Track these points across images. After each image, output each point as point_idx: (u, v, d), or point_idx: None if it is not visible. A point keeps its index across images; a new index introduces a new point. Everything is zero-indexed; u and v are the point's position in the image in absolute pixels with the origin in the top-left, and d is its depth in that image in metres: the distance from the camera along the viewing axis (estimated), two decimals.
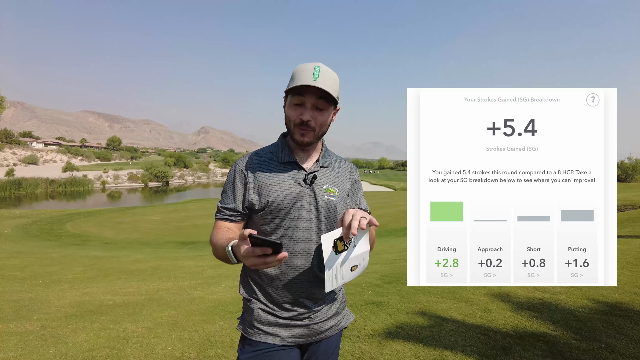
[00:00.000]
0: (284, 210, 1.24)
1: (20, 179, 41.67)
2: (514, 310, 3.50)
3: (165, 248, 11.86)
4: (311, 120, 1.22)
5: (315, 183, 1.28)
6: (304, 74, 1.19)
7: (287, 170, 1.28)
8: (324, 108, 1.23)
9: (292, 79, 1.22)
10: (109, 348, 2.97)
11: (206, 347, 3.00)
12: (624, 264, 4.90)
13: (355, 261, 1.23)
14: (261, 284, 1.30)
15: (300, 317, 1.29)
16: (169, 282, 5.71)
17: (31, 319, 3.74)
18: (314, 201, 1.27)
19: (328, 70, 1.22)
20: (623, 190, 25.86)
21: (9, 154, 68.33)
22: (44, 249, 11.26)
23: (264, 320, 1.27)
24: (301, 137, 1.24)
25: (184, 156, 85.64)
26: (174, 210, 23.39)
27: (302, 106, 1.22)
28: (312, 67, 1.20)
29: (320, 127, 1.26)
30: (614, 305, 3.51)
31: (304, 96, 1.20)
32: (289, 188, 1.25)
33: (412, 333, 3.09)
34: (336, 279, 1.20)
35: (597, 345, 2.77)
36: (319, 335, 1.32)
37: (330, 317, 1.34)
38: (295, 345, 1.29)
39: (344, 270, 1.21)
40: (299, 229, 1.25)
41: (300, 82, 1.18)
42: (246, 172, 1.29)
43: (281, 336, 1.27)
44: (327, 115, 1.26)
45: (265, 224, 1.27)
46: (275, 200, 1.24)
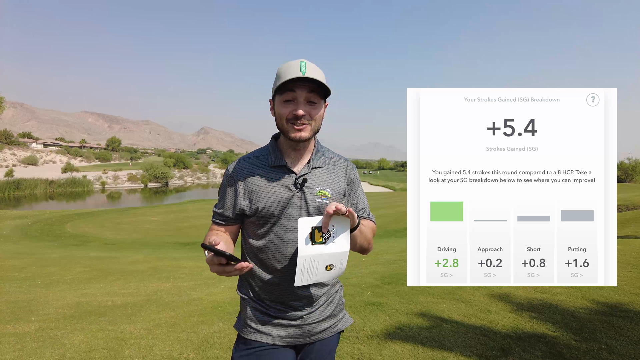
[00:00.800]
0: (275, 215, 1.24)
1: (19, 180, 41.63)
2: (514, 311, 3.50)
3: (165, 249, 11.85)
4: (306, 114, 1.19)
5: (307, 186, 1.25)
6: (291, 70, 1.16)
7: (276, 175, 1.26)
8: (316, 101, 1.20)
9: (277, 77, 1.19)
10: (107, 349, 2.96)
11: (205, 348, 2.98)
12: (624, 264, 4.90)
13: (332, 260, 1.19)
14: (254, 283, 1.30)
15: (293, 317, 1.28)
16: (168, 283, 5.69)
17: (29, 320, 3.73)
18: (305, 205, 1.24)
19: (314, 65, 1.19)
20: (623, 190, 25.86)
21: (8, 155, 68.27)
22: (43, 249, 11.24)
23: (256, 319, 1.28)
24: (298, 133, 1.19)
25: (184, 157, 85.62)
26: (173, 210, 23.36)
27: (294, 102, 1.19)
28: (298, 63, 1.17)
29: (317, 121, 1.23)
30: (614, 306, 3.50)
31: (294, 91, 1.17)
32: (279, 193, 1.23)
33: (412, 334, 3.08)
34: (308, 273, 1.16)
35: (597, 346, 2.76)
36: (313, 336, 1.30)
37: (325, 318, 1.32)
38: (289, 345, 1.28)
39: (318, 267, 1.17)
40: (288, 234, 1.24)
41: (290, 77, 1.14)
42: (236, 178, 1.27)
43: (273, 335, 1.26)
44: (321, 109, 1.23)
45: (257, 228, 1.27)
46: (265, 206, 1.23)
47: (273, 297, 1.27)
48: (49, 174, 49.39)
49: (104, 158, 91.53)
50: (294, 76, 1.13)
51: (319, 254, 1.16)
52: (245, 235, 1.34)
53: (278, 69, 1.21)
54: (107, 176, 55.43)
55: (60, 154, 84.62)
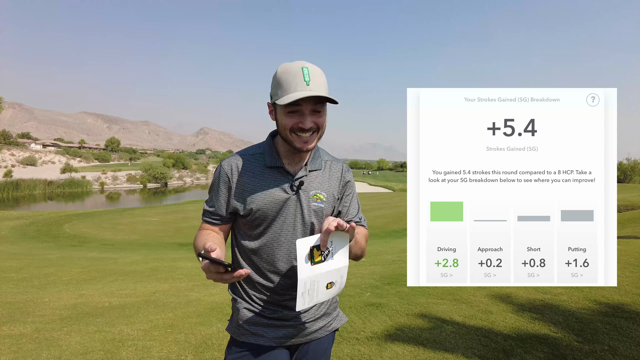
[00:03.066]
0: (269, 217, 1.21)
1: (18, 180, 41.63)
2: (515, 312, 3.49)
3: (163, 249, 11.82)
4: (313, 125, 1.15)
5: (302, 189, 1.23)
6: (295, 80, 1.11)
7: (273, 176, 1.23)
8: (321, 110, 1.16)
9: (280, 85, 1.13)
10: (104, 351, 2.94)
11: (202, 349, 2.97)
12: (625, 265, 4.90)
13: (332, 277, 1.15)
14: (247, 284, 1.28)
15: (287, 317, 1.26)
16: (166, 284, 5.68)
17: (25, 321, 3.70)
18: (300, 208, 1.22)
19: (316, 70, 1.15)
20: (622, 191, 25.92)
21: (7, 155, 68.16)
22: (41, 250, 11.21)
23: (249, 320, 1.25)
24: (305, 145, 1.17)
25: (183, 157, 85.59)
26: (172, 211, 23.33)
27: (299, 113, 1.14)
28: (300, 70, 1.12)
29: (323, 130, 1.20)
30: (616, 307, 3.49)
31: (300, 105, 1.13)
32: (274, 195, 1.21)
33: (412, 335, 3.07)
34: (309, 296, 1.11)
35: (600, 347, 2.74)
36: (308, 336, 1.29)
37: (319, 317, 1.31)
38: (283, 346, 1.26)
39: (319, 287, 1.13)
40: (282, 237, 1.22)
41: (295, 92, 1.10)
42: (231, 175, 1.23)
43: (267, 336, 1.24)
44: (325, 115, 1.20)
45: (250, 229, 1.25)
46: (260, 208, 1.20)
47: (266, 298, 1.26)
48: (47, 175, 49.33)
49: (103, 158, 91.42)
50: (300, 92, 1.09)
51: (319, 273, 1.11)
52: (237, 235, 1.31)
53: (278, 73, 1.15)
54: (106, 177, 55.39)
55: (59, 154, 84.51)
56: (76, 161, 79.63)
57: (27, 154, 71.90)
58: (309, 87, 1.11)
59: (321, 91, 1.12)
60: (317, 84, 1.12)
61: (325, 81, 1.17)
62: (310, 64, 1.14)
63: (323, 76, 1.16)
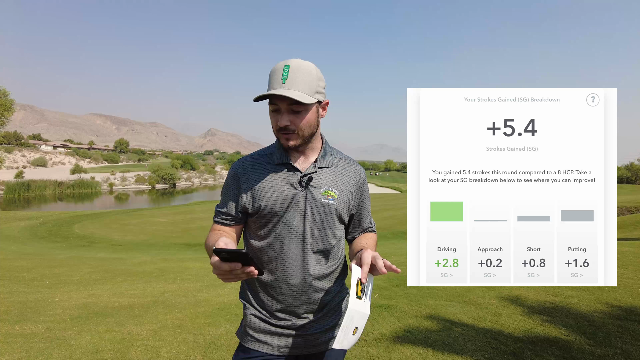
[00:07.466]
0: (278, 214, 1.20)
1: (29, 181, 42.31)
2: (525, 314, 3.45)
3: (172, 250, 11.93)
4: (289, 124, 1.15)
5: (312, 185, 1.21)
6: (273, 78, 1.12)
7: (281, 172, 1.22)
8: (300, 110, 1.14)
9: (268, 83, 1.16)
10: (114, 351, 2.98)
11: (211, 350, 2.99)
12: (637, 267, 4.83)
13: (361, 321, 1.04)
14: (255, 290, 1.26)
15: (294, 326, 1.22)
16: (174, 284, 5.73)
17: (36, 320, 3.77)
18: (309, 204, 1.20)
19: (300, 68, 1.12)
20: (633, 192, 25.53)
21: (18, 156, 69.21)
22: (51, 250, 11.38)
23: (256, 327, 1.23)
24: (286, 142, 1.17)
25: (191, 158, 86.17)
26: (180, 212, 23.50)
27: (279, 112, 1.15)
28: (282, 69, 1.11)
29: (303, 129, 1.17)
30: (629, 310, 3.44)
31: (276, 104, 1.13)
32: (283, 191, 1.20)
33: (421, 337, 3.05)
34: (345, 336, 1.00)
35: (613, 351, 2.70)
36: (316, 347, 1.25)
37: (330, 328, 1.26)
38: (289, 356, 1.23)
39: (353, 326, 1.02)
40: (291, 234, 1.20)
41: (268, 90, 1.11)
42: (240, 175, 1.24)
43: (273, 345, 1.21)
44: (307, 115, 1.16)
45: (259, 228, 1.24)
46: (268, 204, 1.19)
47: (274, 304, 1.23)
48: (57, 176, 50.02)
49: (112, 160, 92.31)
50: (271, 91, 1.10)
51: (357, 310, 1.02)
52: (247, 237, 1.30)
53: (270, 71, 1.16)
54: (115, 177, 55.96)
55: (69, 155, 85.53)
56: (85, 162, 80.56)
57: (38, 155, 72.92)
58: (283, 86, 1.10)
59: (295, 90, 1.10)
60: (295, 82, 1.10)
61: (312, 80, 1.14)
62: (298, 62, 1.13)
63: (310, 75, 1.14)
